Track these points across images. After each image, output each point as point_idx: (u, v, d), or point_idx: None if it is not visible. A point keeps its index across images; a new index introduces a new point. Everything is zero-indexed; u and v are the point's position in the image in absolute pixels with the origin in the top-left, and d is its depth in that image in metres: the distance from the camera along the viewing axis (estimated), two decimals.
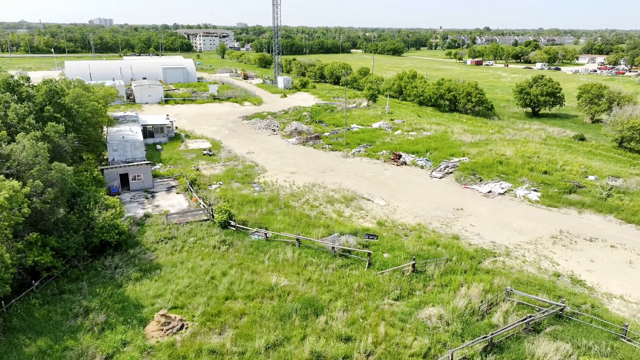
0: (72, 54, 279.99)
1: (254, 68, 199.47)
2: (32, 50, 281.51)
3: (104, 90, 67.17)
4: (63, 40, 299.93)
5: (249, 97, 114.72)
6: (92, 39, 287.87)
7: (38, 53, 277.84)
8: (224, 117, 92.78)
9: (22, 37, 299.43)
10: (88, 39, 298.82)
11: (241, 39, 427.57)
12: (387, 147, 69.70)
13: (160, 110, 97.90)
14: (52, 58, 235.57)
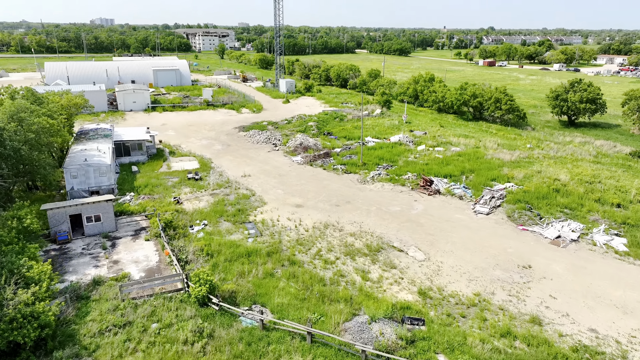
0: (65, 54, 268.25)
1: (254, 69, 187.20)
2: (23, 50, 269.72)
3: (66, 99, 54.86)
4: (56, 40, 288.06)
5: (247, 102, 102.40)
6: (85, 39, 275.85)
7: (29, 53, 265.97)
8: (218, 128, 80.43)
9: (13, 36, 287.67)
10: (82, 39, 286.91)
11: (242, 38, 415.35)
12: (412, 169, 57.25)
13: (145, 119, 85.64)
14: (42, 59, 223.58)
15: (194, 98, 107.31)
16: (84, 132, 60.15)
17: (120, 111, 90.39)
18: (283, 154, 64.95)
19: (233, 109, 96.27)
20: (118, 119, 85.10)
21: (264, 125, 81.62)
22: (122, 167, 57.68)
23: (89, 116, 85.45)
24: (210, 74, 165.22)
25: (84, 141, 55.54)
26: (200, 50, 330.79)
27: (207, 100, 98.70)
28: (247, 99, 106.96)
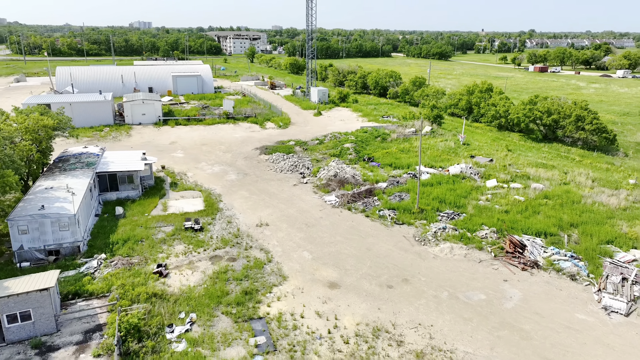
0: (95, 56, 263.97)
1: (284, 74, 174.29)
2: (54, 53, 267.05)
3: (33, 119, 42.23)
4: (87, 42, 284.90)
5: (273, 115, 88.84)
6: (113, 41, 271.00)
7: (60, 56, 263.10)
8: (235, 149, 66.97)
9: (44, 39, 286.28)
10: (113, 41, 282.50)
11: (274, 41, 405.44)
12: (487, 219, 41.84)
13: (153, 136, 73.21)
14: (66, 62, 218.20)
15: (213, 109, 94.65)
16: (63, 159, 47.66)
17: (126, 125, 78.42)
18: (313, 189, 50.61)
19: (256, 123, 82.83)
20: (122, 134, 72.99)
21: (291, 146, 67.59)
22: (107, 207, 44.77)
23: (90, 131, 73.75)
24: (236, 79, 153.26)
25: (57, 173, 42.90)
26: (231, 53, 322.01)
27: (226, 112, 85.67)
28: (274, 110, 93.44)
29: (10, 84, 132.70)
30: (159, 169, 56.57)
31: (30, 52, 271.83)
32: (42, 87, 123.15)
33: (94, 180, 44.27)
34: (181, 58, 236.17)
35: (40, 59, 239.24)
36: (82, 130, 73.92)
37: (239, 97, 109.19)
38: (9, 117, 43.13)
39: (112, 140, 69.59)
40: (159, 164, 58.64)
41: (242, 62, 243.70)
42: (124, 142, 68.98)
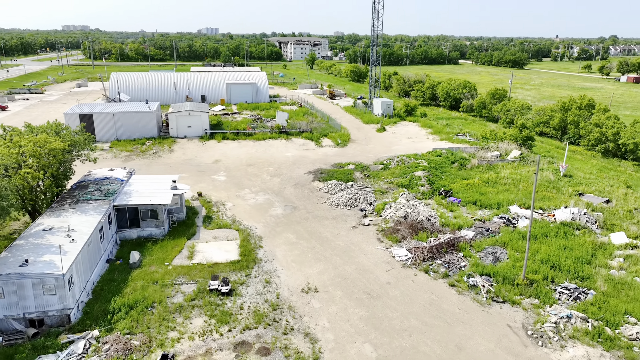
0: (159, 61, 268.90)
1: (345, 82, 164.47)
2: (122, 57, 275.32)
3: (33, 142, 34.49)
4: (153, 48, 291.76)
5: (330, 130, 78.93)
6: (177, 47, 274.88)
7: (127, 61, 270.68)
8: (286, 171, 57.53)
9: (114, 44, 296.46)
10: (177, 47, 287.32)
11: (335, 47, 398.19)
12: (630, 303, 29.03)
13: (196, 152, 65.54)
14: (129, 67, 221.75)
15: (265, 121, 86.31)
16: (81, 186, 40.23)
17: (170, 138, 71.61)
18: (376, 235, 39.79)
19: (311, 140, 73.20)
20: (164, 149, 65.97)
21: (350, 171, 57.08)
22: (124, 248, 36.62)
23: (131, 144, 67.46)
24: (294, 87, 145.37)
25: (66, 206, 35.24)
26: (291, 59, 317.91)
27: (279, 126, 76.75)
28: (332, 124, 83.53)
29: (71, 89, 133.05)
30: (194, 196, 48.19)
31: (100, 57, 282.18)
32: (100, 93, 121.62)
33: (110, 215, 36.24)
34: (241, 64, 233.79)
35: (107, 64, 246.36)
36: (123, 143, 67.91)
37: (295, 108, 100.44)
38: (14, 136, 36.10)
39: (151, 157, 62.64)
40: (197, 188, 50.38)
41: (301, 68, 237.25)
42: (163, 159, 61.75)
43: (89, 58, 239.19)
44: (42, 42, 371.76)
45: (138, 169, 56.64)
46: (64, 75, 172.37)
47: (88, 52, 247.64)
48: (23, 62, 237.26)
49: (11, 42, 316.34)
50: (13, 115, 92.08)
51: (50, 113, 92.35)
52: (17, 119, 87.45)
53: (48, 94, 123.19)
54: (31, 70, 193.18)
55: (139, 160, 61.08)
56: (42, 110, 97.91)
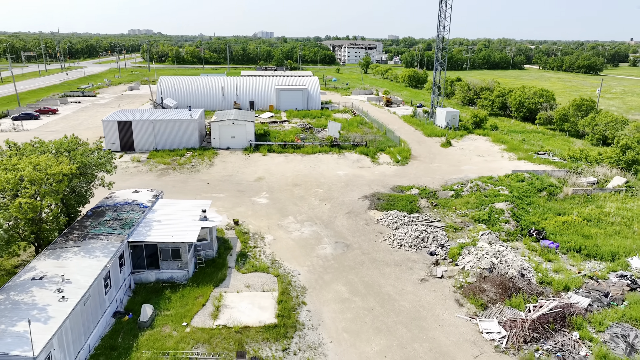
0: (213, 64, 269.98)
1: (401, 88, 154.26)
2: (178, 60, 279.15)
3: (29, 165, 28.14)
4: (208, 51, 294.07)
5: (388, 144, 69.99)
6: (231, 50, 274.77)
7: (182, 63, 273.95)
8: (337, 194, 49.30)
9: (170, 47, 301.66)
10: (231, 50, 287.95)
11: (390, 51, 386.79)
12: None
13: (239, 166, 58.78)
14: (183, 69, 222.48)
15: (316, 131, 78.66)
16: (97, 212, 34.03)
17: (212, 149, 65.47)
18: (453, 294, 30.60)
19: (367, 155, 64.63)
20: (203, 162, 59.76)
21: (413, 197, 47.89)
22: (139, 294, 29.84)
23: (169, 155, 61.87)
24: (347, 93, 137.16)
25: (71, 242, 28.93)
26: (345, 63, 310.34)
27: (331, 138, 68.67)
28: (389, 136, 74.52)
29: (123, 92, 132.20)
30: (230, 224, 41.04)
31: (158, 59, 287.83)
32: (150, 97, 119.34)
33: (123, 255, 29.57)
34: (293, 67, 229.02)
35: (163, 67, 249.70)
36: (162, 153, 62.48)
37: (348, 117, 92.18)
38: (17, 154, 30.27)
39: (189, 171, 56.50)
40: (234, 214, 43.33)
41: (355, 72, 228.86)
42: (202, 175, 55.39)
43: (147, 61, 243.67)
44: (106, 45, 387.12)
45: (172, 186, 50.54)
46: (120, 78, 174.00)
47: (146, 55, 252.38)
48: (86, 65, 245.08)
49: (77, 45, 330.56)
50: (61, 119, 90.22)
51: (96, 117, 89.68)
52: (63, 124, 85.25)
53: (100, 97, 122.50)
54: (91, 72, 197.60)
55: (175, 175, 55.08)
56: (89, 114, 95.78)
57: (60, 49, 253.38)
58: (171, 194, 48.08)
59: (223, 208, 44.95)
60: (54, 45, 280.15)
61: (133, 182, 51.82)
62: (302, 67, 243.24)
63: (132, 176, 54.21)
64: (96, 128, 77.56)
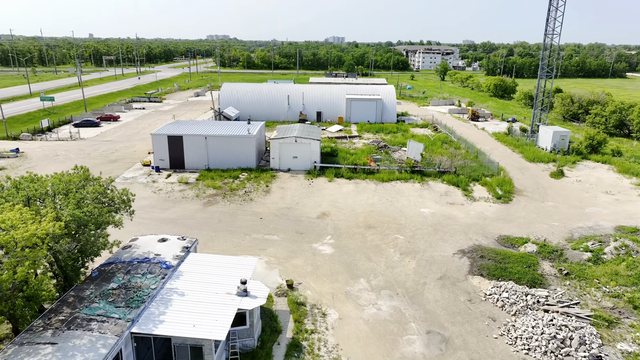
0: (283, 69, 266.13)
1: (485, 98, 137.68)
2: (249, 65, 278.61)
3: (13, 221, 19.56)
4: (278, 56, 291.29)
5: (483, 171, 56.77)
6: (301, 55, 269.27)
7: (252, 68, 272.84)
8: (423, 245, 37.44)
9: (242, 52, 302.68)
10: (302, 55, 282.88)
11: (467, 56, 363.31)
12: None
13: (300, 196, 48.63)
14: (254, 74, 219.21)
15: (392, 150, 66.97)
16: (103, 275, 25.10)
17: (270, 171, 56.05)
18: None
19: (457, 186, 51.95)
20: (259, 189, 50.35)
21: (531, 257, 34.76)
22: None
23: (221, 177, 53.21)
24: (424, 103, 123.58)
25: (47, 336, 19.94)
26: (419, 69, 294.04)
27: (411, 162, 56.62)
28: (482, 160, 61.12)
29: (188, 99, 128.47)
30: (281, 287, 30.80)
31: (229, 64, 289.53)
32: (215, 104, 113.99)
33: (122, 350, 20.12)
34: (364, 73, 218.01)
35: (233, 71, 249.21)
36: (214, 174, 54.03)
37: (429, 133, 79.42)
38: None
39: (240, 200, 47.26)
40: (288, 269, 33.15)
41: (430, 79, 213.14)
42: (254, 205, 45.88)
43: (219, 65, 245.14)
44: (182, 50, 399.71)
45: (218, 221, 41.42)
46: (190, 83, 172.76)
47: (218, 60, 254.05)
48: (160, 69, 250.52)
49: (156, 50, 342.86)
50: (119, 127, 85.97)
51: (156, 125, 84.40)
52: (120, 132, 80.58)
53: (165, 103, 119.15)
54: (163, 77, 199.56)
55: (224, 204, 46.04)
56: (150, 122, 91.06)
57: (137, 53, 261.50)
58: (214, 233, 38.91)
59: (275, 259, 34.87)
60: (133, 50, 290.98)
61: (174, 212, 43.45)
62: (374, 73, 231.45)
63: (175, 203, 45.94)
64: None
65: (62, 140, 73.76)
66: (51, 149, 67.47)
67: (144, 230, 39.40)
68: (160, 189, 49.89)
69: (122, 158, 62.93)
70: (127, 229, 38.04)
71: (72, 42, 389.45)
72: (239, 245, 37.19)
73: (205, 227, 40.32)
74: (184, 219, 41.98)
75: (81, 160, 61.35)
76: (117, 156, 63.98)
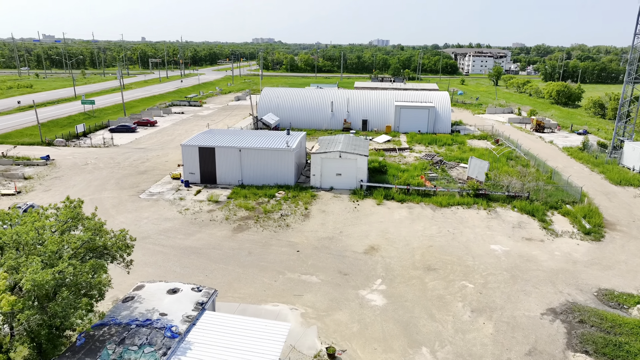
0: (327, 73, 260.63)
1: (547, 106, 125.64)
2: (292, 68, 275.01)
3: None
4: (322, 59, 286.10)
5: (562, 196, 47.77)
6: (345, 58, 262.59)
7: (296, 72, 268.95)
8: (499, 299, 29.59)
9: (285, 55, 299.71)
10: (346, 58, 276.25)
11: (519, 60, 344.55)
12: None
13: (344, 221, 41.67)
14: (293, 78, 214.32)
15: (448, 165, 58.87)
16: (88, 345, 19.20)
17: (310, 189, 49.47)
18: None
19: (532, 215, 43.36)
20: (296, 212, 43.86)
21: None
22: None
23: (256, 195, 47.19)
24: (479, 110, 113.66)
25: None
26: (468, 72, 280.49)
27: (474, 184, 48.39)
28: (558, 181, 51.93)
29: (229, 103, 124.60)
30: (320, 356, 23.98)
31: (272, 67, 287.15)
32: (254, 110, 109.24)
33: None
34: (411, 77, 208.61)
35: (275, 75, 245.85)
36: (247, 191, 48.11)
37: (490, 147, 70.49)
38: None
39: (275, 225, 40.88)
40: (328, 326, 26.44)
41: (482, 84, 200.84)
42: (290, 234, 39.34)
43: (260, 68, 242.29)
44: (227, 53, 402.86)
45: (247, 253, 35.19)
46: (232, 86, 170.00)
47: (262, 63, 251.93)
48: (204, 72, 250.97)
49: (201, 53, 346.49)
50: (155, 133, 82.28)
51: (193, 132, 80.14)
52: (155, 139, 76.67)
53: (205, 107, 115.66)
54: (206, 80, 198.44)
55: (256, 230, 39.81)
56: (187, 127, 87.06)
57: (182, 55, 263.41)
58: (242, 270, 32.65)
59: (313, 310, 28.14)
60: (179, 53, 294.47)
61: (199, 239, 37.64)
62: (421, 77, 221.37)
63: (202, 227, 40.19)
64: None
65: (95, 147, 70.45)
66: (82, 157, 64.01)
67: (161, 261, 33.76)
68: (187, 209, 44.42)
69: (152, 169, 58.33)
70: (141, 260, 32.47)
71: (122, 44, 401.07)
72: (270, 287, 30.73)
73: (232, 261, 34.16)
74: (208, 249, 36.05)
75: (109, 170, 57.22)
76: (147, 167, 59.48)
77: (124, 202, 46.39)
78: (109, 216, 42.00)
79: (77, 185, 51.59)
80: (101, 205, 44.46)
